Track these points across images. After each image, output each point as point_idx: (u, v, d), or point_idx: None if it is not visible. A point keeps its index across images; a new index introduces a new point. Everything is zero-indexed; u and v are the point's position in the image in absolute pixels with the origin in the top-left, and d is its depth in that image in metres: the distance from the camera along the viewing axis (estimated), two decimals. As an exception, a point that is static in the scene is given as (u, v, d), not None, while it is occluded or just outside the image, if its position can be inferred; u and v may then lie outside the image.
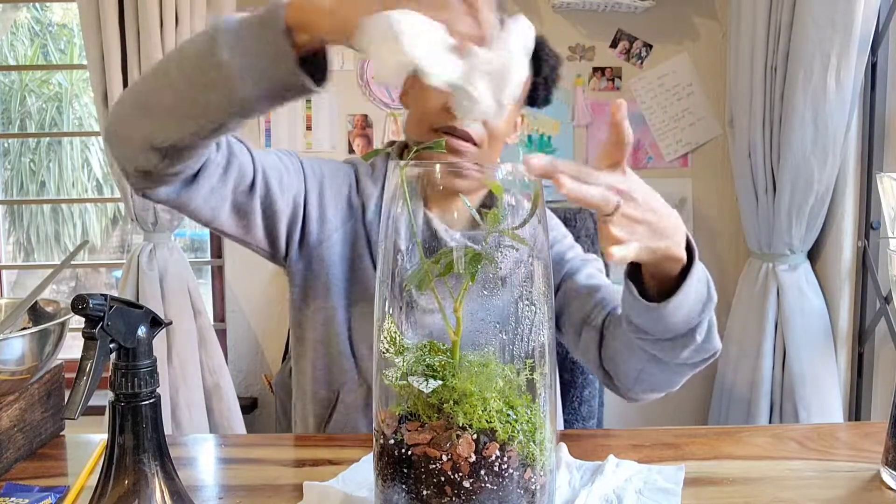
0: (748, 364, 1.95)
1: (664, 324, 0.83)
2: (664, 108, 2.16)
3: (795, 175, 1.84)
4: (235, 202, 0.99)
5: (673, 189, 2.19)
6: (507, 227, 0.61)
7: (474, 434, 0.59)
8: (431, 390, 0.59)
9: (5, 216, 2.78)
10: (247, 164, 0.99)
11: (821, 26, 1.73)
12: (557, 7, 2.06)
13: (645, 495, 0.79)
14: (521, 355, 0.62)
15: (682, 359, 0.89)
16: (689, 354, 0.88)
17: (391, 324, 0.62)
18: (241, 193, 0.99)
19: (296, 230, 1.09)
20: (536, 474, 0.61)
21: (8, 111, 4.15)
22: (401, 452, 0.60)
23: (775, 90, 1.85)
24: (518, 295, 0.62)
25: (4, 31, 3.68)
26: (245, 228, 1.04)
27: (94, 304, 0.56)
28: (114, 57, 1.83)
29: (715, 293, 0.85)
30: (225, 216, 1.00)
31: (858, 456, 0.90)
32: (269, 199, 1.03)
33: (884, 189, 0.84)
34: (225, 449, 0.98)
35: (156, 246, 1.96)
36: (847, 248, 1.92)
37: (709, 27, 2.15)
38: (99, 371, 0.56)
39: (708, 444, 0.94)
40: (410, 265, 0.62)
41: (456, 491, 0.58)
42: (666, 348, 0.88)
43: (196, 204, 0.95)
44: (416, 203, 0.62)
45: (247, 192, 1.00)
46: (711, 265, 2.38)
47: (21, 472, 0.88)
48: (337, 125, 2.15)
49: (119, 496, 0.59)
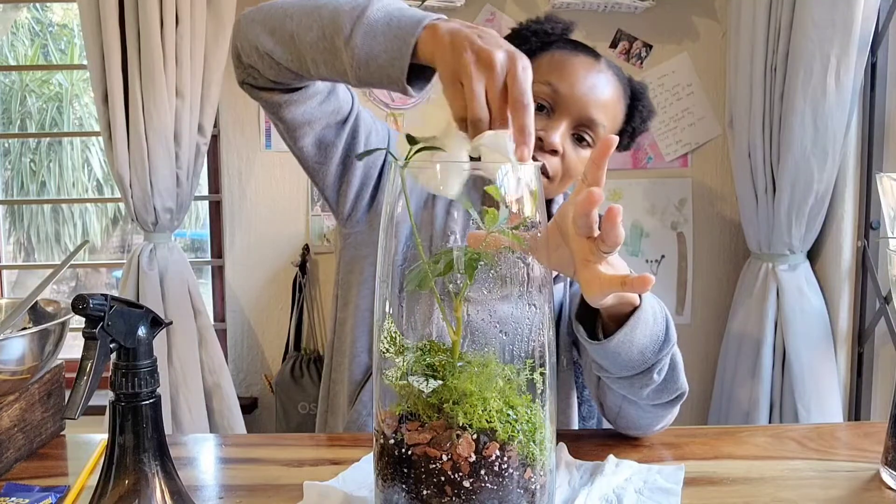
0: (748, 364, 1.95)
1: (616, 361, 0.84)
2: (664, 108, 2.16)
3: (795, 175, 1.84)
4: (324, 130, 1.04)
5: (673, 189, 2.19)
6: (507, 228, 0.61)
7: (474, 434, 0.59)
8: (431, 390, 0.59)
9: (5, 216, 2.78)
10: (346, 102, 1.05)
11: (821, 26, 1.73)
12: (557, 7, 2.06)
13: (645, 495, 0.79)
14: (521, 355, 0.62)
15: (646, 398, 0.89)
16: (651, 394, 0.88)
17: (391, 324, 0.62)
18: (332, 125, 1.04)
19: (366, 191, 1.11)
20: (536, 474, 0.61)
21: (8, 111, 4.15)
22: (401, 452, 0.60)
23: (775, 90, 1.85)
24: (518, 295, 0.62)
25: (5, 31, 3.67)
26: (322, 161, 1.07)
27: (94, 304, 0.56)
28: (114, 57, 1.83)
29: (674, 334, 0.85)
30: (309, 139, 1.04)
31: (858, 456, 0.90)
32: (354, 144, 1.07)
33: (883, 189, 0.84)
34: (225, 449, 0.98)
35: (156, 246, 1.97)
36: (847, 247, 1.92)
37: (709, 27, 2.15)
38: (99, 371, 0.56)
39: (708, 444, 0.94)
40: (411, 265, 0.62)
41: (456, 491, 0.58)
42: (625, 386, 0.88)
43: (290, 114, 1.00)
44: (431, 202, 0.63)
45: (338, 125, 1.04)
46: (711, 265, 2.38)
47: (21, 471, 0.88)
48: (337, 125, 2.15)
49: (119, 496, 0.59)
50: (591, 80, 1.04)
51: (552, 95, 1.03)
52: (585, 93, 1.03)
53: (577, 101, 1.02)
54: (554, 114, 1.03)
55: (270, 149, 2.15)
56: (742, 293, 2.02)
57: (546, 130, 1.02)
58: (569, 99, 1.02)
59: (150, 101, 1.84)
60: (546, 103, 1.03)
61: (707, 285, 2.22)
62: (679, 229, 2.21)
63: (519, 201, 0.62)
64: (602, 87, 1.05)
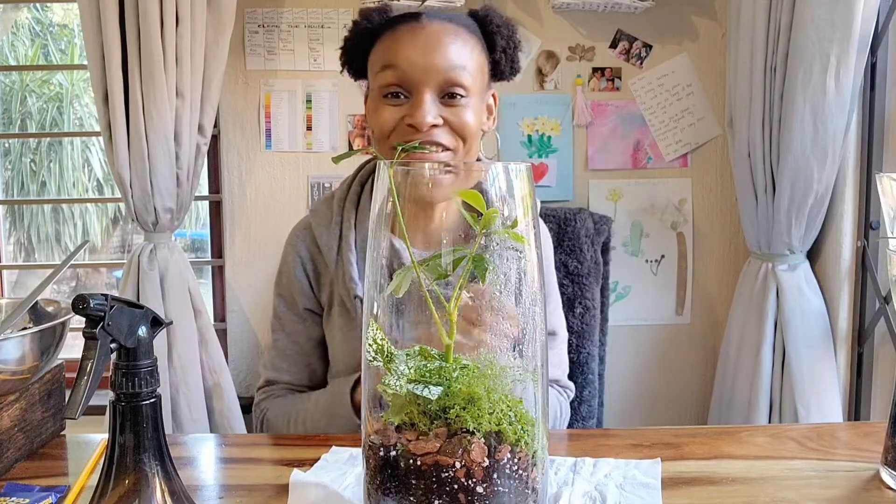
0: (748, 364, 1.95)
1: None
2: (664, 108, 2.16)
3: (795, 175, 1.84)
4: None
5: (672, 189, 2.19)
6: (499, 228, 0.60)
7: (481, 438, 0.58)
8: (436, 397, 0.58)
9: (6, 216, 2.78)
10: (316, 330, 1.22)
11: (820, 26, 1.73)
12: (557, 7, 2.06)
13: (626, 490, 0.79)
14: (516, 355, 0.62)
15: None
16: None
17: (377, 330, 0.61)
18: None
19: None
20: (539, 473, 0.61)
21: (8, 111, 4.16)
22: (407, 464, 0.58)
23: (775, 90, 1.85)
24: (512, 296, 0.61)
25: (5, 31, 3.67)
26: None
27: (94, 304, 0.56)
28: (114, 57, 1.83)
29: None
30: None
31: (858, 455, 0.90)
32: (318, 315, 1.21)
33: (883, 189, 0.84)
34: (225, 449, 0.98)
35: (156, 246, 1.97)
36: (846, 248, 1.93)
37: (709, 27, 2.15)
38: (100, 371, 0.56)
39: (708, 444, 0.95)
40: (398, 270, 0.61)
41: (470, 498, 0.57)
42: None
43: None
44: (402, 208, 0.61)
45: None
46: (711, 265, 2.38)
47: (22, 471, 0.89)
48: (337, 125, 2.15)
49: (119, 496, 0.59)
50: (423, 41, 1.01)
51: (399, 78, 1.00)
52: (428, 56, 1.00)
53: (425, 69, 1.00)
54: (412, 95, 1.01)
55: (270, 149, 2.15)
56: (742, 293, 2.02)
57: (413, 115, 1.00)
58: (413, 74, 1.00)
59: (151, 101, 1.84)
60: (398, 90, 1.01)
61: (707, 285, 2.22)
62: (679, 229, 2.21)
63: (507, 202, 0.60)
64: (437, 40, 1.01)
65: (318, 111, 2.14)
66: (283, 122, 2.14)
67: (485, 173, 0.62)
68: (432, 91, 1.01)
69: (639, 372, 2.21)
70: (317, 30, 2.11)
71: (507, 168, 0.61)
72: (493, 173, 0.61)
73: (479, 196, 0.58)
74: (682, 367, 2.22)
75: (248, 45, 2.11)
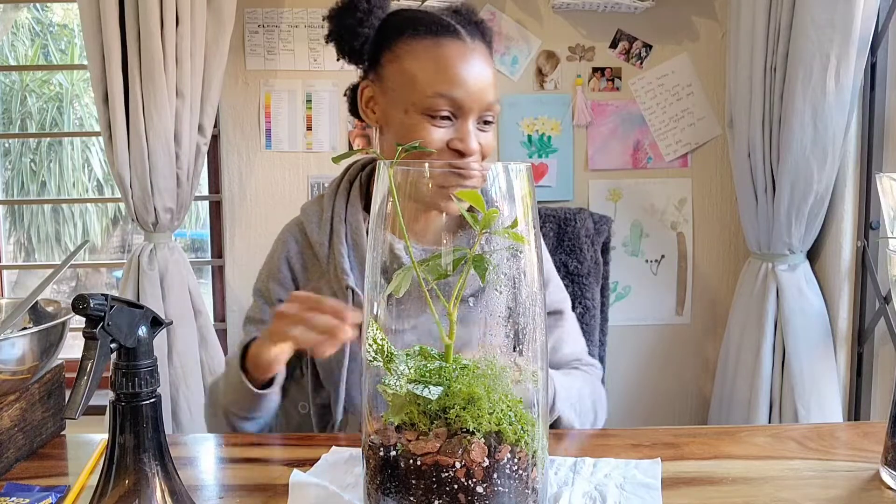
0: (748, 364, 1.95)
1: None
2: (664, 108, 2.16)
3: (795, 175, 1.84)
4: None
5: (673, 189, 2.19)
6: (499, 228, 0.60)
7: (481, 438, 0.58)
8: (436, 397, 0.58)
9: (6, 216, 2.79)
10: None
11: (820, 27, 1.73)
12: (557, 7, 2.06)
13: (626, 490, 0.79)
14: (515, 355, 0.62)
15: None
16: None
17: (377, 330, 0.61)
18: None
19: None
20: (539, 473, 0.61)
21: (8, 111, 4.16)
22: (407, 464, 0.58)
23: (775, 90, 1.85)
24: (511, 295, 0.61)
25: (5, 31, 3.67)
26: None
27: (94, 304, 0.56)
28: (114, 57, 1.83)
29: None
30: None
31: (858, 455, 0.90)
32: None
33: (883, 189, 0.84)
34: (225, 449, 0.98)
35: (156, 246, 1.97)
36: (846, 247, 1.93)
37: (709, 27, 2.15)
38: (100, 371, 0.56)
39: (708, 444, 0.95)
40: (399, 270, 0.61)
41: (470, 498, 0.57)
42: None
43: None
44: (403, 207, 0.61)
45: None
46: (711, 265, 2.38)
47: (22, 471, 0.89)
48: (337, 125, 2.15)
49: (120, 496, 0.59)
50: (472, 66, 1.02)
51: (451, 104, 1.01)
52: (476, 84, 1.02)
53: (475, 98, 1.01)
54: (457, 119, 1.02)
55: (270, 149, 2.15)
56: (742, 293, 2.02)
57: (463, 141, 1.01)
58: (467, 101, 1.01)
59: (151, 101, 1.84)
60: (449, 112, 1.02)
61: (707, 285, 2.22)
62: (679, 229, 2.21)
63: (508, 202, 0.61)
64: (482, 65, 1.03)
65: (318, 111, 2.14)
66: (282, 122, 2.14)
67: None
68: (474, 117, 1.03)
69: (639, 372, 2.21)
70: (317, 30, 2.11)
71: (507, 168, 0.61)
72: (493, 173, 0.61)
73: (479, 196, 0.58)
74: (682, 367, 2.22)
75: (248, 45, 2.11)
